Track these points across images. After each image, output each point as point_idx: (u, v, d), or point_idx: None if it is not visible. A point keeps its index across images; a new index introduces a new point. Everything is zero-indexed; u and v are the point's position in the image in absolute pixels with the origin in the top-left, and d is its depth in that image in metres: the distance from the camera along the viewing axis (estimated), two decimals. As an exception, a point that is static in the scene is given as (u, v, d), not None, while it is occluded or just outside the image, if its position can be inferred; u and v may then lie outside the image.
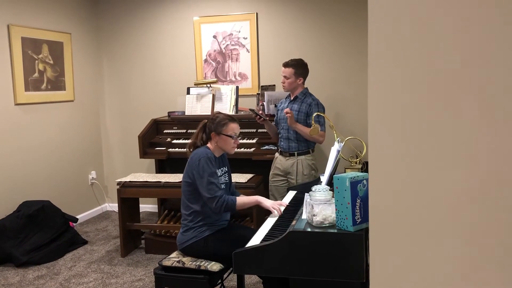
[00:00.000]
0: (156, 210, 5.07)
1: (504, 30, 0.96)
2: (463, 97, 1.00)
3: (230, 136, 2.77)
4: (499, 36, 0.97)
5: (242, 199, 2.75)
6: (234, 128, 2.79)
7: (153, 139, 4.60)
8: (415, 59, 1.03)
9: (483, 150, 1.01)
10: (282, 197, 3.52)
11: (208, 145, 2.81)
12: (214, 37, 4.99)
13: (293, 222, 2.34)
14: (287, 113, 3.48)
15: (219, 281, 2.83)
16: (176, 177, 3.98)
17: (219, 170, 2.81)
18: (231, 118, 2.82)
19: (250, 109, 3.89)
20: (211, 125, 2.79)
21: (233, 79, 5.00)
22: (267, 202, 2.72)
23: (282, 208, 2.68)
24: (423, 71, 1.02)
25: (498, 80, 0.98)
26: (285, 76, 3.62)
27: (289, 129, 3.60)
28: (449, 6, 0.99)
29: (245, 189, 3.55)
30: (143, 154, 4.51)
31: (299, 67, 3.61)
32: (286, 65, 3.63)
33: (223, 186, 2.80)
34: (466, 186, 1.03)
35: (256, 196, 2.81)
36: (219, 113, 2.91)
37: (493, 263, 1.03)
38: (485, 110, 0.99)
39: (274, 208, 2.66)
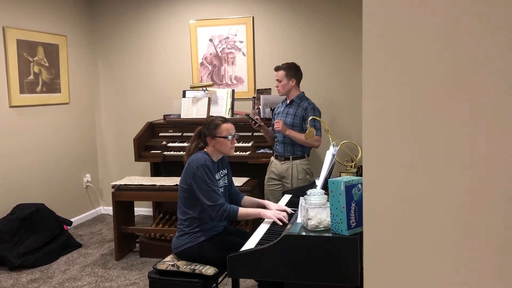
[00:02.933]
0: (151, 214, 5.05)
1: (501, 31, 0.96)
2: (458, 101, 1.01)
3: (225, 137, 2.75)
4: (495, 38, 0.97)
5: (245, 211, 2.70)
6: (227, 128, 2.75)
7: (149, 142, 4.59)
8: (409, 63, 1.03)
9: (476, 153, 1.01)
10: (277, 201, 3.52)
11: (206, 149, 2.80)
12: (210, 40, 4.99)
13: (288, 226, 2.34)
14: (276, 128, 3.53)
15: (214, 285, 2.82)
16: (171, 181, 3.97)
17: (218, 173, 2.79)
18: (223, 119, 2.80)
19: (246, 114, 3.89)
20: (205, 130, 2.77)
21: (229, 82, 5.00)
22: (269, 213, 2.64)
23: (286, 215, 2.60)
24: (417, 75, 1.03)
25: (493, 84, 0.98)
26: (278, 80, 3.65)
27: (284, 133, 3.62)
28: (444, 9, 0.99)
29: (241, 192, 3.53)
30: (138, 157, 4.49)
31: (290, 69, 3.64)
32: (277, 68, 3.67)
33: (221, 189, 2.77)
34: (460, 190, 1.03)
35: (260, 209, 2.72)
36: (211, 116, 2.90)
37: (487, 268, 1.03)
38: (480, 113, 1.00)
39: (278, 219, 2.57)
